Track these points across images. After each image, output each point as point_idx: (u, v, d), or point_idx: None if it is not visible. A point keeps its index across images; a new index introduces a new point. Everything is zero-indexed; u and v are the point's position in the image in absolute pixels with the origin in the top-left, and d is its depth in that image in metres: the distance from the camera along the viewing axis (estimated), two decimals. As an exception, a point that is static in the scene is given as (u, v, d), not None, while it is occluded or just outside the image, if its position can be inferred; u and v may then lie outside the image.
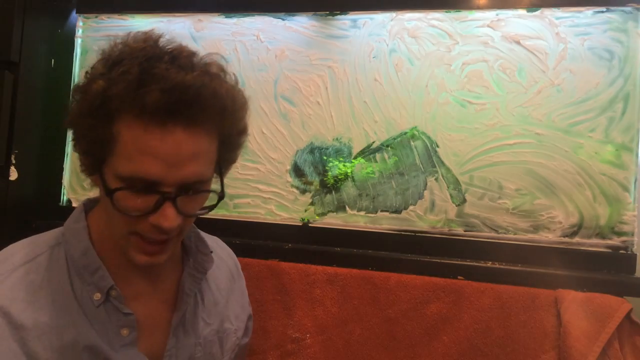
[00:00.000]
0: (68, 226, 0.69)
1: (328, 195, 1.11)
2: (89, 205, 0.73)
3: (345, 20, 1.11)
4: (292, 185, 1.13)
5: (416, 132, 1.07)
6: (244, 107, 0.66)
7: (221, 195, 0.66)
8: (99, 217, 0.69)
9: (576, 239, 0.98)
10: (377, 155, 1.09)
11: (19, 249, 0.67)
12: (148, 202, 0.59)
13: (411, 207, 1.06)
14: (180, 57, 0.60)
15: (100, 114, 0.58)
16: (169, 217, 0.59)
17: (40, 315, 0.62)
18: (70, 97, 0.63)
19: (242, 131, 0.69)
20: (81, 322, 0.64)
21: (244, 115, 0.67)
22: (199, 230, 0.81)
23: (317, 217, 1.11)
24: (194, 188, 0.62)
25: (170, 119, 0.57)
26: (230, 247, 0.98)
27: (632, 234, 0.96)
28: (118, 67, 0.58)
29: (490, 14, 1.04)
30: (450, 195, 1.04)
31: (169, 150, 0.57)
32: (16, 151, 1.17)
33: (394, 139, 1.08)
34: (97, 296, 0.65)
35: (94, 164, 0.62)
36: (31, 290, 0.63)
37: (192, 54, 0.62)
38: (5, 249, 0.67)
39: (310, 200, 1.12)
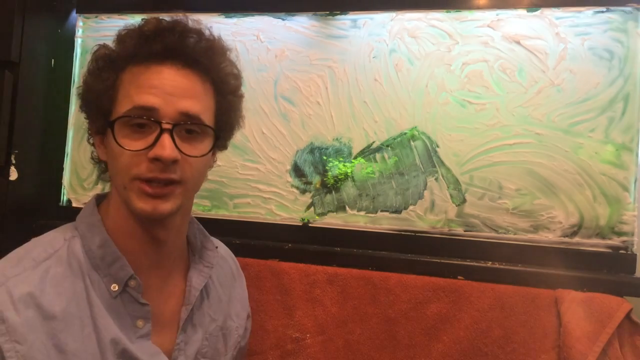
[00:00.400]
0: (82, 220, 0.71)
1: (328, 195, 1.11)
2: (100, 200, 0.74)
3: (345, 20, 1.11)
4: (292, 185, 1.13)
5: (416, 132, 1.07)
6: (229, 50, 0.75)
7: (219, 142, 0.74)
8: (112, 207, 0.71)
9: (576, 239, 0.98)
10: (377, 155, 1.09)
11: (35, 246, 0.68)
12: (147, 139, 0.64)
13: (411, 207, 1.06)
14: (169, 19, 0.72)
15: (108, 69, 0.67)
16: (166, 146, 0.63)
17: (67, 306, 0.63)
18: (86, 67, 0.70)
19: (236, 87, 0.76)
20: (100, 313, 0.65)
21: (230, 61, 0.75)
22: (203, 227, 0.83)
23: (317, 217, 1.11)
24: (191, 125, 0.67)
25: (166, 62, 0.66)
26: (230, 247, 0.98)
27: (632, 234, 0.96)
28: (119, 36, 0.68)
29: (490, 14, 1.04)
30: (450, 195, 1.04)
31: (166, 83, 0.65)
32: (16, 151, 1.17)
33: (394, 139, 1.08)
34: (115, 287, 0.67)
35: (102, 121, 0.67)
36: (56, 283, 0.64)
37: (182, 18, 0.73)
38: (19, 249, 0.68)
39: (310, 200, 1.12)
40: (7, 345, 0.58)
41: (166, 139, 0.64)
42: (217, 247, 0.82)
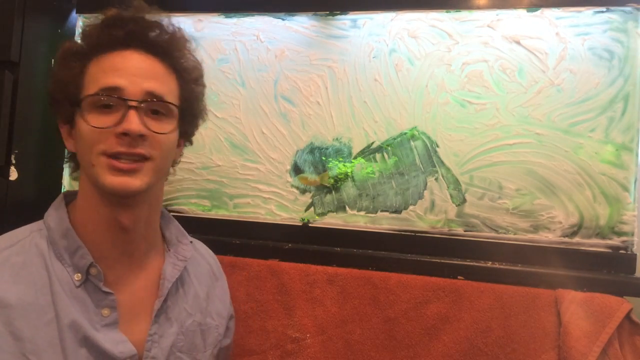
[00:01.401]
0: (49, 213, 0.73)
1: (328, 195, 1.11)
2: (69, 198, 0.77)
3: (345, 20, 1.11)
4: (292, 185, 1.13)
5: (416, 132, 1.07)
6: (189, 42, 0.79)
7: (184, 128, 0.77)
8: (79, 199, 0.74)
9: (576, 239, 0.98)
10: (377, 155, 1.09)
11: (2, 237, 0.71)
12: (114, 116, 0.67)
13: (411, 207, 1.06)
14: (131, 6, 0.74)
15: (74, 59, 0.70)
16: (133, 121, 0.66)
17: (24, 294, 0.65)
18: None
19: (198, 76, 0.79)
20: (62, 302, 0.66)
21: (191, 52, 0.79)
22: (179, 224, 0.86)
23: (317, 217, 1.11)
24: (157, 103, 0.70)
25: (129, 48, 0.70)
26: (230, 247, 0.99)
27: (632, 234, 0.96)
28: (83, 30, 0.71)
29: (490, 14, 1.04)
30: (450, 195, 1.05)
31: (130, 65, 0.69)
32: (16, 151, 1.17)
33: (394, 139, 1.08)
34: (78, 276, 0.68)
35: (69, 109, 0.70)
36: (14, 271, 0.66)
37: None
38: None
39: (310, 200, 1.12)
40: None
41: (133, 114, 0.67)
42: (191, 242, 0.85)
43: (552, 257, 0.97)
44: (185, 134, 0.81)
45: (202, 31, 1.18)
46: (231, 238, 1.08)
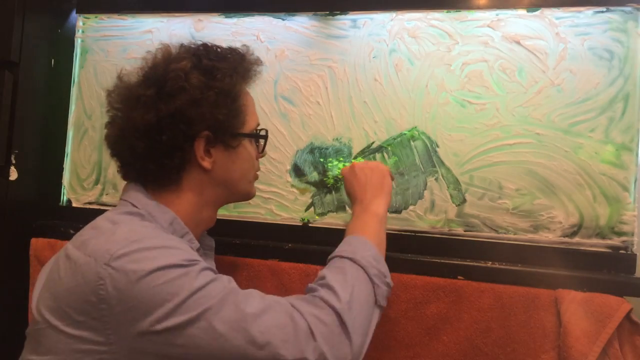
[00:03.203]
0: (143, 203, 0.76)
1: (328, 195, 1.11)
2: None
3: (345, 20, 1.11)
4: (292, 185, 1.13)
5: (416, 132, 1.07)
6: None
7: None
8: (183, 202, 0.79)
9: (576, 239, 0.98)
10: (377, 155, 1.09)
11: (122, 217, 0.72)
12: (260, 141, 0.88)
13: (411, 207, 1.06)
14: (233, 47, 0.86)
15: (232, 97, 0.79)
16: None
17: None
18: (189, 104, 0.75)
19: None
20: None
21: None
22: None
23: (317, 217, 1.11)
24: None
25: (251, 82, 0.85)
26: (230, 247, 0.99)
27: (632, 234, 0.96)
28: (215, 68, 0.78)
29: (490, 14, 1.04)
30: (450, 195, 1.04)
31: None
32: (16, 151, 1.17)
33: (394, 139, 1.08)
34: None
35: (230, 137, 0.79)
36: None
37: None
38: (101, 220, 0.72)
39: (310, 201, 1.12)
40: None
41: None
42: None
43: (552, 257, 0.97)
44: None
45: (202, 31, 1.18)
46: (231, 238, 1.08)
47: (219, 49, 0.82)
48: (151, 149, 0.75)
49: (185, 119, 0.74)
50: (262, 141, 0.88)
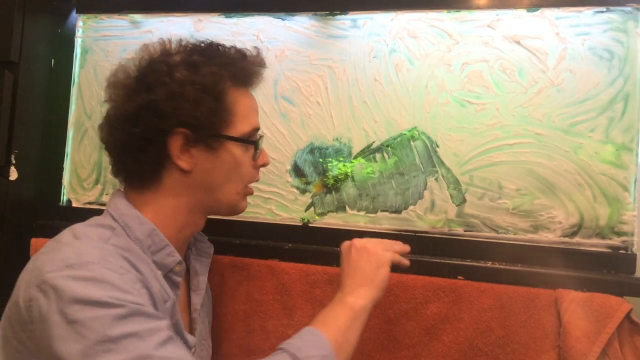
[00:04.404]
0: (121, 213, 0.73)
1: (328, 195, 1.11)
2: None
3: (345, 20, 1.11)
4: (292, 185, 1.13)
5: (416, 132, 1.07)
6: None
7: None
8: (165, 207, 0.76)
9: (576, 239, 0.98)
10: (377, 155, 1.09)
11: (88, 230, 0.70)
12: (254, 149, 0.81)
13: (411, 207, 1.06)
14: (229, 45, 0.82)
15: (213, 95, 0.74)
16: (266, 154, 0.85)
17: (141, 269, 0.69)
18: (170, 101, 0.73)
19: None
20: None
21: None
22: None
23: (317, 217, 1.11)
24: None
25: (250, 84, 0.83)
26: (230, 247, 0.99)
27: (632, 234, 0.96)
28: (203, 64, 0.74)
29: (490, 14, 1.04)
30: (450, 195, 1.04)
31: (256, 104, 0.85)
32: (16, 151, 1.17)
33: (394, 139, 1.08)
34: (158, 273, 0.73)
35: (210, 138, 0.75)
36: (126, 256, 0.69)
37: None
38: (67, 232, 0.70)
39: (310, 200, 1.12)
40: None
41: (264, 148, 0.85)
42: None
43: (552, 257, 0.97)
44: None
45: (202, 31, 1.18)
46: (231, 238, 1.08)
47: (220, 48, 0.79)
48: (126, 141, 0.73)
49: (160, 112, 0.71)
50: (256, 149, 0.82)
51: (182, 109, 0.72)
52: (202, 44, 0.79)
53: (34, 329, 0.58)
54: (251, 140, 0.80)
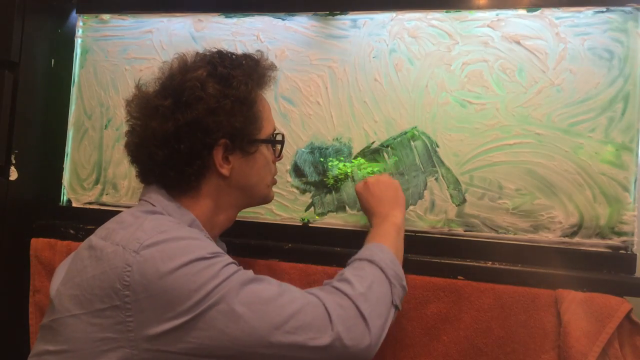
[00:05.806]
0: (164, 204, 0.78)
1: (328, 195, 1.11)
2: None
3: (345, 20, 1.11)
4: (292, 185, 1.13)
5: (416, 132, 1.07)
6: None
7: None
8: (203, 207, 0.81)
9: (576, 239, 0.98)
10: (377, 155, 1.09)
11: (143, 216, 0.73)
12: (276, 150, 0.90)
13: (411, 207, 1.06)
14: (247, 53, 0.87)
15: (248, 104, 0.79)
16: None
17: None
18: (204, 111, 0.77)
19: None
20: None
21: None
22: None
23: (317, 217, 1.11)
24: None
25: (266, 87, 0.87)
26: (230, 247, 0.99)
27: (632, 234, 0.96)
28: (230, 76, 0.79)
29: (490, 14, 1.04)
30: (450, 195, 1.04)
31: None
32: (16, 151, 1.17)
33: (394, 139, 1.08)
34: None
35: (247, 144, 0.81)
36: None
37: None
38: (125, 215, 0.74)
39: (310, 200, 1.12)
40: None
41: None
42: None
43: (552, 257, 0.97)
44: None
45: (202, 31, 1.18)
46: (231, 238, 1.07)
47: (233, 56, 0.83)
48: (170, 157, 0.76)
49: (203, 127, 0.75)
50: (279, 145, 0.90)
51: (223, 122, 0.76)
52: (217, 55, 0.82)
53: (136, 292, 0.62)
54: (277, 139, 0.90)
